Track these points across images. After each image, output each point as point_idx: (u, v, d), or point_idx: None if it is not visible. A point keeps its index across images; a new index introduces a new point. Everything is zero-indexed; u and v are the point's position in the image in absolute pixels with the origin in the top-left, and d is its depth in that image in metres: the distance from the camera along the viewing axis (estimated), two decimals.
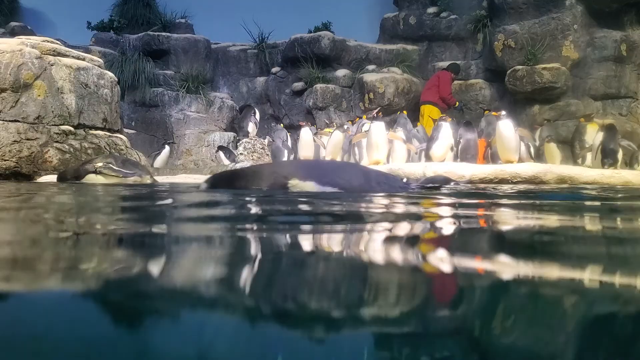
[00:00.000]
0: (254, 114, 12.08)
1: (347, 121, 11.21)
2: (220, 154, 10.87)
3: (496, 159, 8.26)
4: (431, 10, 12.97)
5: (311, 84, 12.57)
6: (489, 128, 9.27)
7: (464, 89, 12.13)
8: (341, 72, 12.76)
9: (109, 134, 8.05)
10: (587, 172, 6.80)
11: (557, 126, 10.81)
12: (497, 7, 11.55)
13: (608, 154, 8.47)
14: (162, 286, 0.99)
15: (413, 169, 6.99)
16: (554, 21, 10.92)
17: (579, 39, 10.83)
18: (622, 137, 9.00)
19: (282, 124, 12.02)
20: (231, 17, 13.45)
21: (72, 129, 7.48)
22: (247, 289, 0.96)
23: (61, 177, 5.96)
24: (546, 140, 9.81)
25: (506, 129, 7.92)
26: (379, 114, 9.39)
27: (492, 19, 11.84)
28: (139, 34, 13.08)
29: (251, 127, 11.89)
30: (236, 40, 14.05)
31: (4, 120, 6.97)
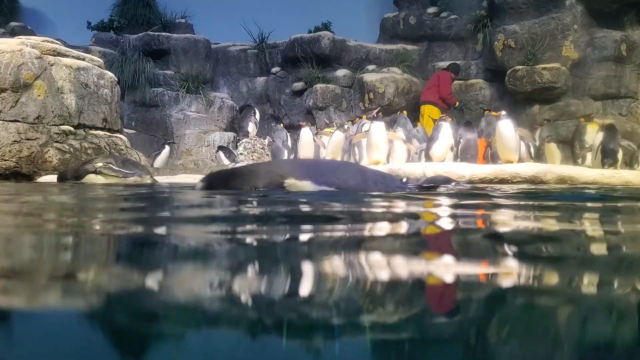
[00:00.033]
0: (254, 114, 12.08)
1: (347, 121, 11.21)
2: (220, 154, 10.87)
3: (496, 159, 8.26)
4: (431, 10, 12.97)
5: (311, 84, 12.56)
6: (489, 128, 9.26)
7: (464, 89, 12.12)
8: (341, 72, 12.76)
9: (109, 134, 8.05)
10: (587, 172, 6.80)
11: (557, 126, 10.80)
12: (497, 7, 11.55)
13: (608, 154, 8.46)
14: (146, 295, 0.99)
15: (413, 169, 6.98)
16: (554, 21, 10.92)
17: (579, 39, 10.83)
18: (622, 137, 9.00)
19: (282, 124, 12.02)
20: (231, 17, 13.45)
21: (72, 129, 7.48)
22: (233, 296, 0.96)
23: (61, 177, 5.97)
24: (546, 140, 9.80)
25: (506, 129, 7.92)
26: (379, 114, 9.39)
27: (492, 19, 11.83)
28: (139, 34, 13.07)
29: (251, 127, 11.89)
30: (236, 40, 14.05)
31: (4, 120, 6.97)
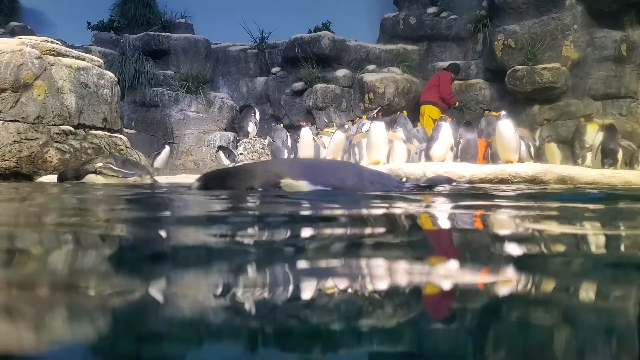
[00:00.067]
0: (254, 114, 12.07)
1: (347, 121, 11.20)
2: (221, 154, 10.86)
3: (496, 159, 8.26)
4: (431, 10, 12.97)
5: (311, 84, 12.56)
6: (489, 128, 9.26)
7: (464, 89, 12.12)
8: (341, 72, 12.76)
9: (109, 134, 8.05)
10: (587, 172, 6.79)
11: (557, 126, 10.80)
12: (497, 7, 11.55)
13: (608, 154, 8.46)
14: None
15: (413, 169, 6.98)
16: (554, 21, 10.92)
17: (579, 39, 10.83)
18: (622, 137, 9.00)
19: (282, 124, 12.01)
20: (231, 17, 13.44)
21: (72, 129, 7.48)
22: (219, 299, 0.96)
23: (61, 177, 5.97)
24: (546, 140, 9.80)
25: (506, 129, 7.92)
26: (379, 114, 9.38)
27: (492, 19, 11.83)
28: (139, 34, 13.07)
29: (251, 127, 11.89)
30: (236, 40, 14.04)
31: (4, 120, 6.97)
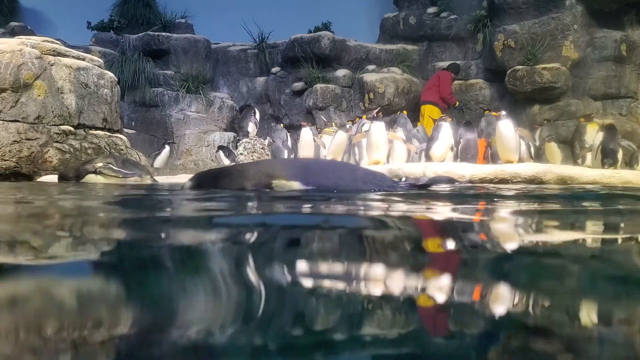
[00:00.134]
0: (254, 114, 12.07)
1: (348, 121, 11.20)
2: (221, 153, 10.86)
3: (496, 159, 8.26)
4: (431, 10, 12.97)
5: (311, 84, 12.56)
6: (489, 128, 9.26)
7: (464, 89, 12.12)
8: (341, 72, 12.76)
9: (109, 134, 8.05)
10: (587, 172, 6.79)
11: (557, 126, 10.80)
12: (497, 7, 11.55)
13: (608, 154, 8.46)
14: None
15: (413, 169, 6.98)
16: (554, 21, 10.92)
17: (579, 39, 10.83)
18: (622, 137, 8.99)
19: (282, 124, 12.01)
20: (231, 17, 13.45)
21: (72, 129, 7.48)
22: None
23: (61, 177, 5.97)
24: (547, 140, 9.79)
25: (506, 129, 7.92)
26: (379, 114, 9.38)
27: (492, 19, 11.83)
28: (139, 34, 13.07)
29: (251, 127, 11.89)
30: (236, 40, 14.04)
31: (4, 120, 6.96)
